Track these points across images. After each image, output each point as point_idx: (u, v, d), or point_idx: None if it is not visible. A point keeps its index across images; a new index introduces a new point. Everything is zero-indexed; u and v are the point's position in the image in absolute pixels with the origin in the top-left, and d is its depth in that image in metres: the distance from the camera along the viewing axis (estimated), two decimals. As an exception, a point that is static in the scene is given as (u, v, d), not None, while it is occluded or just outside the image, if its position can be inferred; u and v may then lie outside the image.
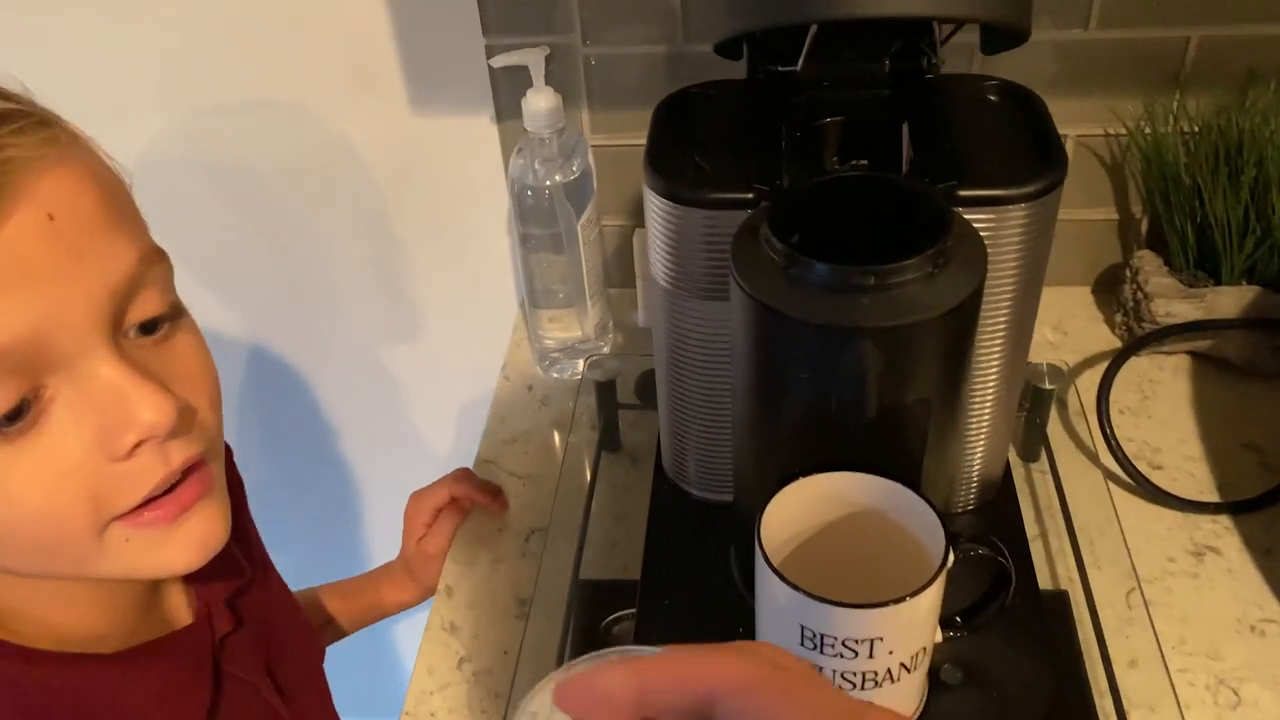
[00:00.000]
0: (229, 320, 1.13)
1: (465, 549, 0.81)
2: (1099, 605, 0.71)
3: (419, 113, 0.97)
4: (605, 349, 0.96)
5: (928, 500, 0.52)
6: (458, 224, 1.04)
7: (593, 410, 0.88)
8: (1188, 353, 0.90)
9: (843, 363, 0.47)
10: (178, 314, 0.46)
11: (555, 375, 0.96)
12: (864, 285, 0.47)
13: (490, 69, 0.91)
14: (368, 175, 1.02)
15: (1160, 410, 0.87)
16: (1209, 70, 0.86)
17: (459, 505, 0.82)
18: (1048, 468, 0.81)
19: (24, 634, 0.47)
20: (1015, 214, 0.54)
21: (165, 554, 0.45)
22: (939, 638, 0.56)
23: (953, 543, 0.51)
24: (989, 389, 0.62)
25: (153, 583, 0.53)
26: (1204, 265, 0.88)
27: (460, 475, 0.83)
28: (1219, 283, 0.87)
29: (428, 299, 1.10)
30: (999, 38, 0.57)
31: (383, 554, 0.87)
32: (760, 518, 0.52)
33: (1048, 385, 0.79)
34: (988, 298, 0.56)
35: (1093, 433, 0.82)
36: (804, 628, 0.50)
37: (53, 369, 0.40)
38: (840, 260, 0.48)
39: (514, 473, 0.87)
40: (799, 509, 0.54)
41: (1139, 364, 0.90)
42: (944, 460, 0.57)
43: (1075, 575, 0.73)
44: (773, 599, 0.51)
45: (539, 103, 0.82)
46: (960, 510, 0.68)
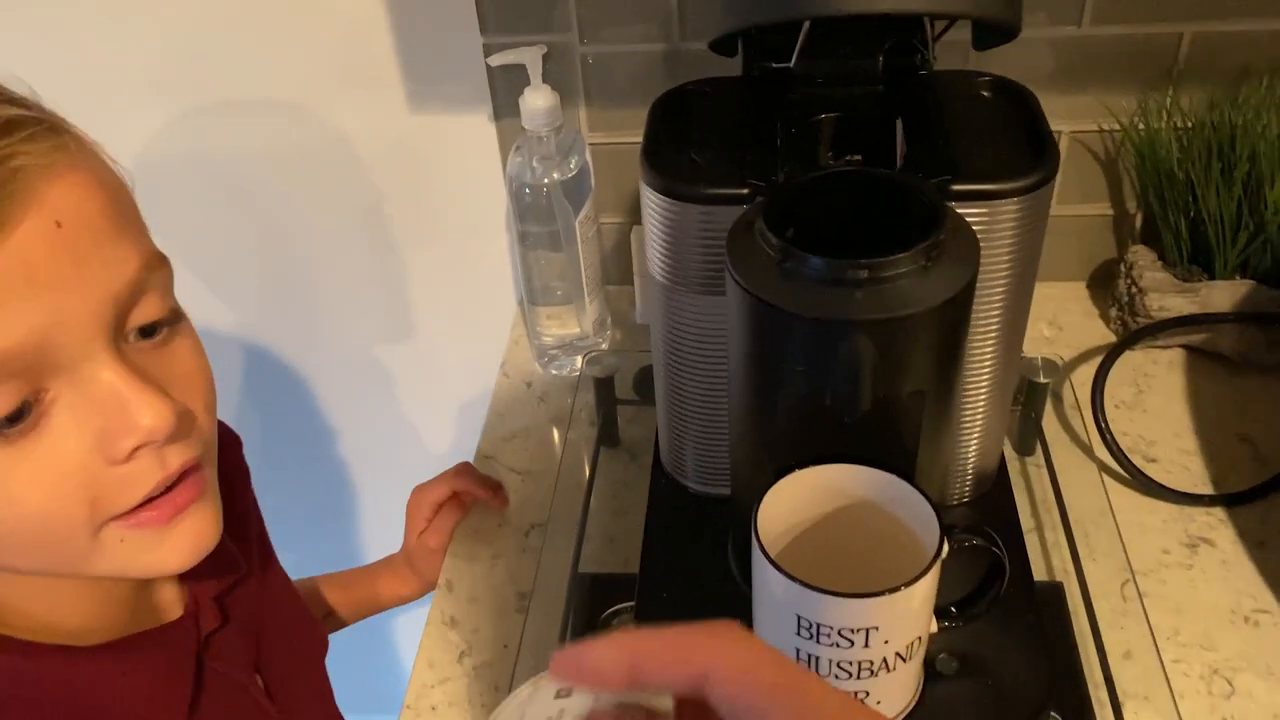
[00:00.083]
0: (228, 318, 1.14)
1: (465, 544, 0.81)
2: (1094, 597, 0.71)
3: (417, 111, 0.97)
4: (603, 345, 0.96)
5: (922, 492, 0.52)
6: (455, 222, 1.04)
7: (591, 406, 0.89)
8: (1182, 347, 0.91)
9: (837, 355, 0.48)
10: (177, 318, 0.46)
11: (554, 372, 0.96)
12: (858, 279, 0.47)
13: (488, 67, 0.92)
14: (366, 174, 1.02)
15: (1155, 404, 0.87)
16: (1202, 66, 0.86)
17: (460, 500, 0.83)
18: (1043, 461, 0.82)
19: (10, 625, 0.48)
20: (1008, 208, 0.55)
21: (159, 554, 0.46)
22: (934, 628, 0.56)
23: (947, 533, 0.51)
24: (983, 382, 0.62)
25: (144, 579, 0.54)
26: (1198, 260, 0.88)
27: (461, 470, 0.83)
28: (1213, 277, 0.87)
29: (426, 297, 1.11)
30: (991, 34, 0.58)
31: (383, 551, 0.88)
32: (756, 509, 0.52)
33: (1042, 379, 0.79)
34: (981, 291, 0.57)
35: (1088, 426, 0.83)
36: (800, 617, 0.50)
37: (55, 372, 0.41)
38: (835, 254, 0.48)
39: (513, 468, 0.88)
40: (795, 501, 0.55)
41: (1133, 358, 0.91)
42: (938, 452, 0.58)
43: (1070, 567, 0.74)
44: (769, 590, 0.52)
45: (537, 101, 0.83)
46: (955, 503, 0.69)
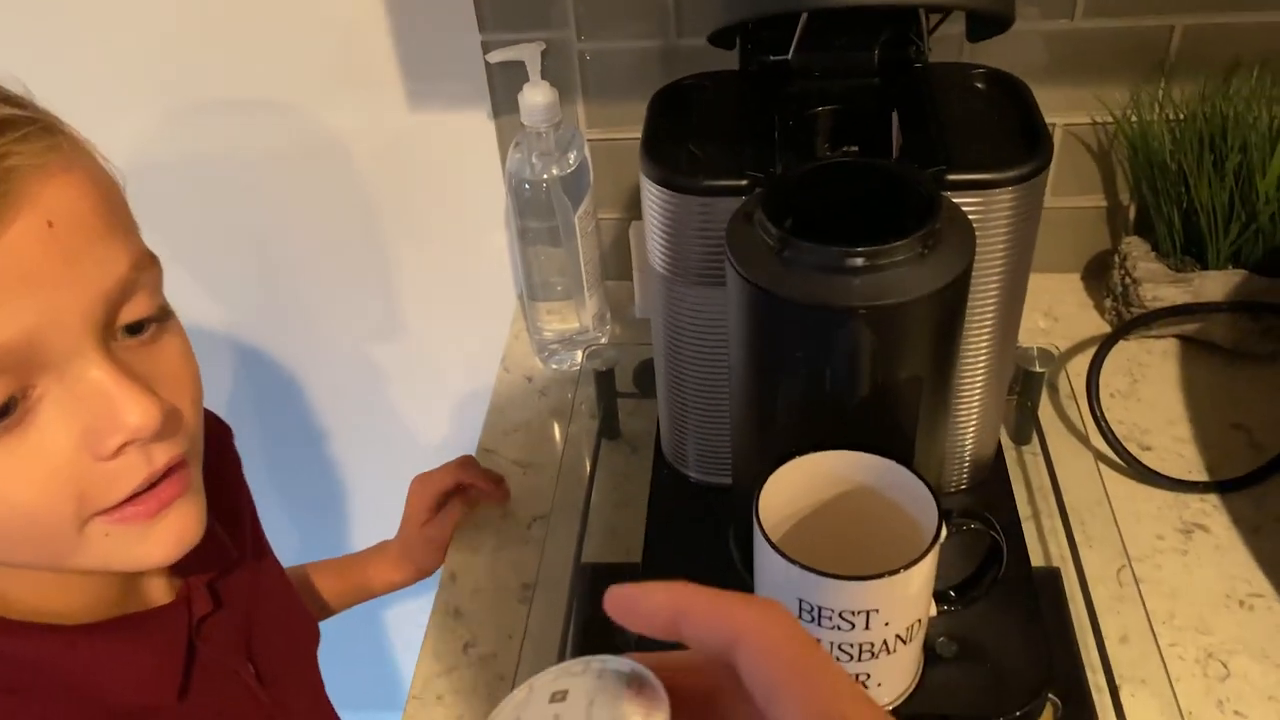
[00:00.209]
0: (227, 316, 1.15)
1: (468, 536, 0.82)
2: (1090, 582, 0.72)
3: (416, 109, 0.98)
4: (603, 340, 0.97)
5: (921, 476, 0.53)
6: (455, 219, 1.05)
7: (591, 400, 0.89)
8: (1175, 336, 0.92)
9: (836, 342, 0.49)
10: (165, 316, 0.47)
11: (554, 366, 0.97)
12: (856, 266, 0.48)
13: (487, 65, 0.92)
14: (366, 171, 1.03)
15: (1149, 393, 0.88)
16: (1193, 58, 0.87)
17: (467, 496, 0.83)
18: (1039, 450, 0.82)
19: None
20: (1002, 197, 0.56)
21: (143, 549, 0.46)
22: (933, 612, 0.57)
23: (945, 517, 0.52)
24: (979, 370, 0.63)
25: (131, 573, 0.54)
26: (1190, 250, 0.89)
27: (465, 462, 0.84)
28: (1205, 267, 0.88)
29: (425, 294, 1.12)
30: (984, 25, 0.59)
31: (383, 544, 0.88)
32: (758, 495, 0.53)
33: (1038, 369, 0.80)
34: (977, 279, 0.58)
35: (1083, 415, 0.84)
36: (802, 601, 0.51)
37: (43, 369, 0.41)
38: (833, 244, 0.49)
39: (515, 461, 0.88)
40: (795, 487, 0.55)
41: (1128, 348, 0.92)
42: (936, 438, 0.59)
43: (1067, 554, 0.74)
44: (771, 574, 0.53)
45: (536, 97, 0.84)
46: (953, 490, 0.70)
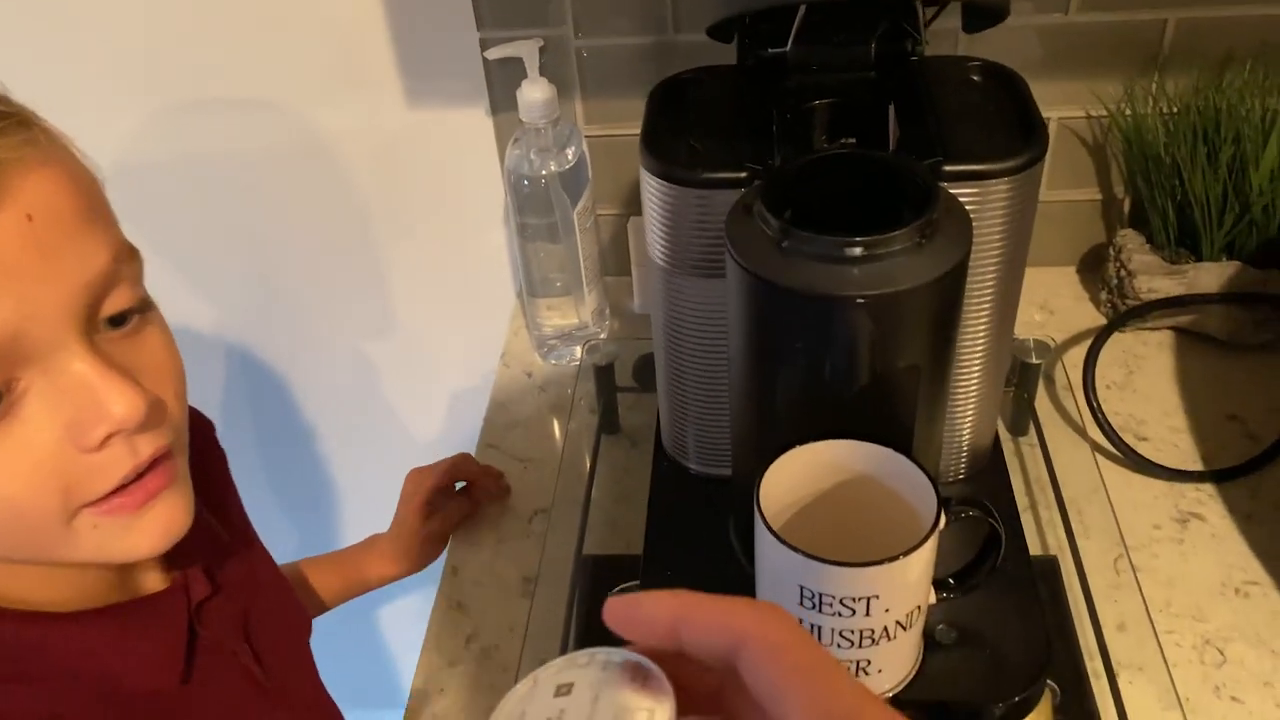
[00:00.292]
0: (225, 315, 1.15)
1: (470, 530, 0.83)
2: (1088, 571, 0.73)
3: (415, 107, 0.98)
4: (602, 335, 0.98)
5: (919, 465, 0.54)
6: (454, 216, 1.06)
7: (591, 395, 0.90)
8: (1170, 328, 0.93)
9: (835, 331, 0.49)
10: (147, 307, 0.47)
11: (553, 362, 0.98)
12: (855, 256, 0.49)
13: (485, 61, 0.93)
14: (364, 169, 1.03)
15: (1145, 384, 0.89)
16: (1187, 51, 0.88)
17: (472, 497, 0.84)
18: (1036, 441, 0.83)
19: None
20: (999, 188, 0.56)
21: (130, 540, 0.47)
22: (933, 599, 0.58)
23: (944, 505, 0.53)
24: (976, 359, 0.64)
25: (118, 564, 0.54)
26: (1185, 242, 0.90)
27: (461, 458, 0.84)
28: (1200, 259, 0.89)
29: (424, 291, 1.12)
30: (980, 16, 0.59)
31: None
32: (758, 484, 0.53)
33: (1034, 360, 0.81)
34: (974, 270, 0.58)
35: (1080, 407, 0.84)
36: (803, 588, 0.51)
37: (26, 362, 0.42)
38: (832, 234, 0.49)
39: (516, 456, 0.89)
40: (795, 477, 0.56)
41: (1124, 340, 0.93)
42: (934, 427, 0.59)
43: (1065, 543, 0.75)
44: (772, 562, 0.53)
45: (534, 93, 0.84)
46: (951, 480, 0.70)
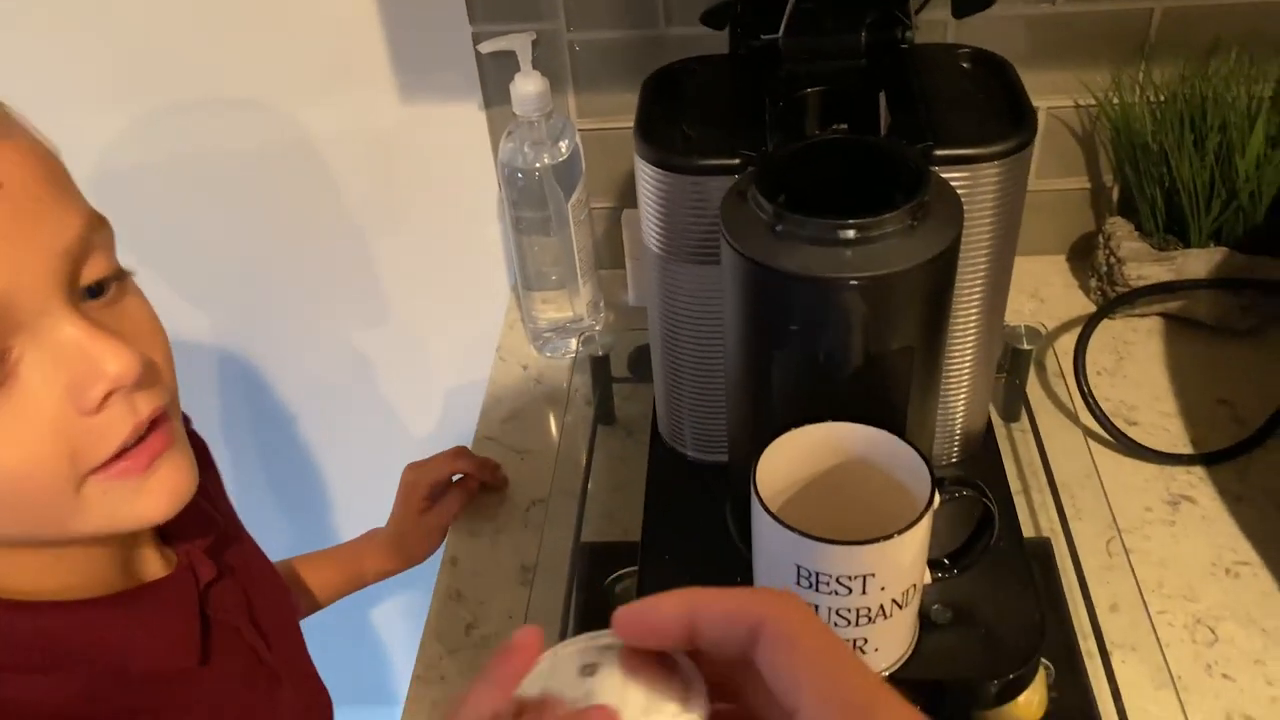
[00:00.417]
0: (220, 312, 1.15)
1: (468, 521, 0.83)
2: (1081, 553, 0.74)
3: (408, 102, 0.99)
4: (597, 328, 0.98)
5: (913, 445, 0.54)
6: (448, 211, 1.06)
7: (587, 387, 0.90)
8: (1160, 314, 0.94)
9: (829, 313, 0.50)
10: (123, 275, 0.48)
11: (549, 355, 0.98)
12: (848, 239, 0.49)
13: (477, 55, 0.93)
14: (358, 165, 1.04)
15: (1135, 370, 0.90)
16: (1173, 40, 0.89)
17: (467, 486, 0.84)
18: (1028, 427, 0.84)
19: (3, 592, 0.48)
20: (988, 172, 0.57)
21: (140, 504, 0.47)
22: (928, 579, 0.58)
23: (938, 485, 0.53)
24: (968, 343, 0.64)
25: (128, 545, 0.54)
26: (1173, 229, 0.91)
27: (458, 451, 0.85)
28: (1188, 245, 0.90)
29: (419, 286, 1.13)
30: (969, 1, 0.60)
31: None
32: (755, 466, 0.54)
33: (1025, 346, 0.82)
34: (964, 254, 0.59)
35: (1071, 393, 0.85)
36: (800, 567, 0.52)
37: (16, 330, 0.42)
38: (825, 218, 0.50)
39: (513, 448, 0.89)
40: (791, 460, 0.57)
41: (1114, 327, 0.93)
42: (927, 410, 0.60)
43: (1058, 526, 0.76)
44: (769, 542, 0.54)
45: (527, 86, 0.85)
46: (945, 464, 0.71)
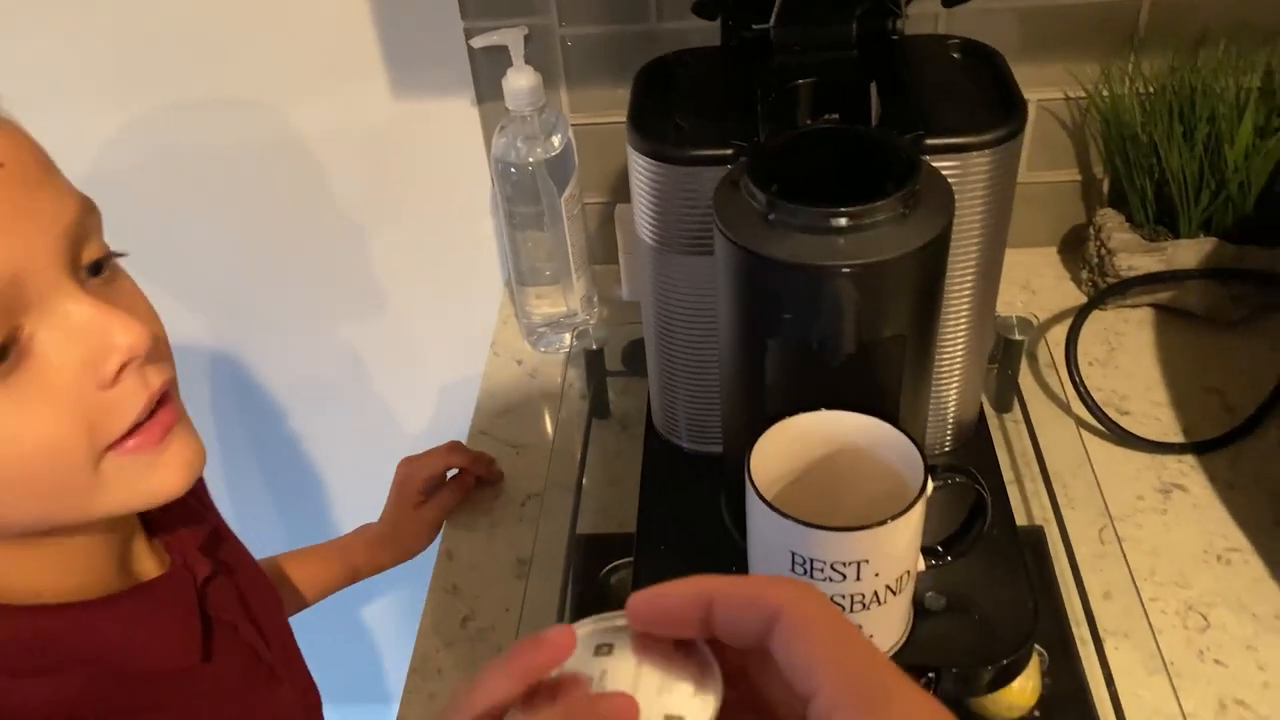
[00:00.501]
0: (213, 309, 1.15)
1: (464, 515, 0.83)
2: (1074, 542, 0.74)
3: (400, 98, 0.99)
4: (591, 322, 0.98)
5: (906, 433, 0.55)
6: (442, 207, 1.06)
7: (582, 381, 0.91)
8: (1150, 305, 0.94)
9: (822, 301, 0.50)
10: (114, 256, 0.49)
11: (543, 349, 0.98)
12: (840, 226, 0.50)
13: (470, 52, 0.93)
14: (351, 162, 1.04)
15: (1126, 360, 0.90)
16: (1162, 31, 0.90)
17: (463, 481, 0.84)
18: (1021, 417, 0.84)
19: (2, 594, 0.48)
20: (979, 161, 0.57)
21: (157, 478, 0.48)
22: (922, 566, 0.59)
23: (931, 472, 0.54)
24: (960, 331, 0.65)
25: (125, 543, 0.54)
26: (1163, 220, 0.92)
27: (453, 447, 0.85)
28: (1178, 236, 0.90)
29: (413, 283, 1.13)
30: (958, -7, 0.60)
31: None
32: (749, 454, 0.54)
33: (1017, 336, 0.82)
34: (956, 243, 0.59)
35: (1063, 383, 0.86)
36: (794, 554, 0.52)
37: (27, 309, 0.43)
38: (817, 206, 0.50)
39: (508, 442, 0.90)
40: (785, 448, 0.57)
41: (1105, 318, 0.94)
42: (920, 398, 0.60)
43: (1050, 515, 0.76)
44: (764, 530, 0.54)
45: (520, 81, 0.85)
46: (937, 453, 0.71)
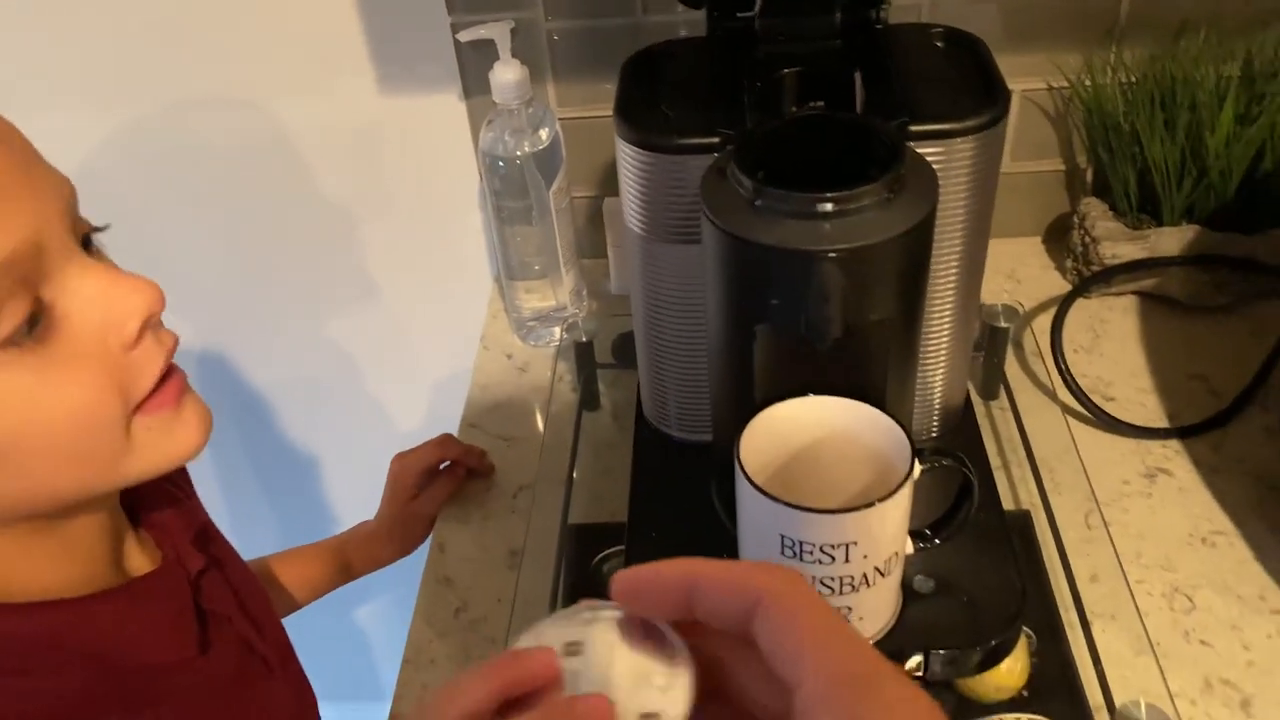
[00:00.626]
0: (203, 307, 1.15)
1: (455, 507, 0.84)
2: (1060, 526, 0.75)
3: (388, 94, 0.99)
4: (581, 315, 0.99)
5: (894, 417, 0.55)
6: (430, 202, 1.06)
7: (572, 374, 0.91)
8: (1134, 293, 0.95)
9: (809, 284, 0.51)
10: (96, 231, 0.50)
11: (533, 343, 0.99)
12: (826, 211, 0.50)
13: (457, 47, 0.94)
14: (339, 158, 1.04)
15: (1111, 347, 0.91)
16: (1143, 21, 0.91)
17: (455, 473, 0.85)
18: (1008, 405, 0.85)
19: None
20: (963, 147, 0.58)
21: (180, 436, 0.49)
22: (910, 549, 0.59)
23: (918, 455, 0.54)
24: (946, 316, 0.65)
25: (118, 536, 0.55)
26: (1146, 208, 0.92)
27: (444, 440, 0.85)
28: (1161, 224, 0.91)
29: (402, 279, 1.13)
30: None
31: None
32: (739, 440, 0.55)
33: (1003, 324, 0.83)
34: (940, 229, 0.60)
35: (1049, 370, 0.86)
36: (784, 537, 0.53)
37: (46, 279, 0.44)
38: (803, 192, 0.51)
39: (499, 436, 0.90)
40: (774, 434, 0.57)
41: (1090, 306, 0.95)
42: (907, 382, 0.61)
43: (1037, 500, 0.77)
44: (754, 514, 0.55)
45: (506, 75, 0.85)
46: (925, 438, 0.72)
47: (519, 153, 0.88)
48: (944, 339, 0.67)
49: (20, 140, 0.45)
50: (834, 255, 0.50)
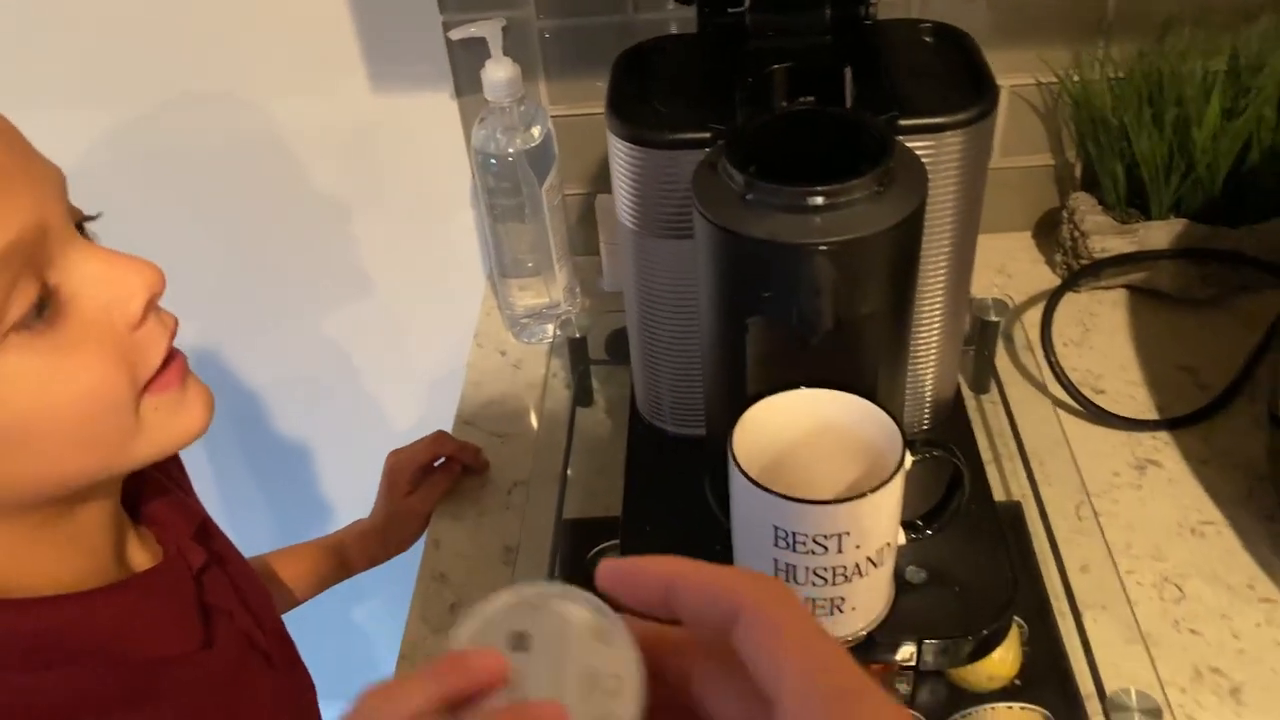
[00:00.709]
0: (197, 305, 1.15)
1: (450, 504, 0.84)
2: (1051, 517, 0.76)
3: (380, 93, 0.99)
4: (574, 312, 0.99)
5: (885, 408, 0.56)
6: (423, 200, 1.07)
7: (565, 371, 0.92)
8: (1124, 286, 0.96)
9: (800, 278, 0.51)
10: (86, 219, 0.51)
11: (526, 340, 0.99)
12: (816, 205, 0.51)
13: (449, 45, 0.94)
14: (332, 157, 1.04)
15: (1100, 341, 0.92)
16: (1130, 17, 0.91)
17: (450, 469, 0.85)
18: (998, 399, 0.86)
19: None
20: (952, 140, 0.59)
21: (186, 416, 0.50)
22: (902, 539, 0.60)
23: (910, 446, 0.55)
24: (936, 310, 0.66)
25: (120, 530, 0.55)
26: (1135, 202, 0.93)
27: (439, 436, 0.86)
28: (1149, 218, 0.92)
29: (395, 277, 1.13)
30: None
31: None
32: (732, 432, 0.55)
33: (993, 317, 0.84)
34: (930, 222, 0.60)
35: (1039, 364, 0.87)
36: (777, 528, 0.53)
37: (50, 264, 0.45)
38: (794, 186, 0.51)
39: (493, 432, 0.90)
40: (767, 427, 0.58)
41: (1079, 299, 0.96)
42: (897, 374, 0.62)
43: (1028, 491, 0.78)
44: (747, 506, 0.55)
45: (498, 72, 0.85)
46: (916, 431, 0.73)
47: (511, 150, 0.88)
48: (935, 332, 0.67)
49: (15, 131, 0.46)
50: (825, 248, 0.50)
